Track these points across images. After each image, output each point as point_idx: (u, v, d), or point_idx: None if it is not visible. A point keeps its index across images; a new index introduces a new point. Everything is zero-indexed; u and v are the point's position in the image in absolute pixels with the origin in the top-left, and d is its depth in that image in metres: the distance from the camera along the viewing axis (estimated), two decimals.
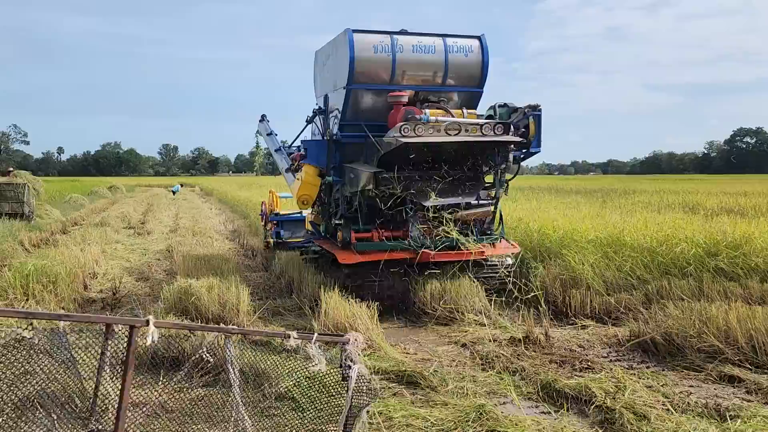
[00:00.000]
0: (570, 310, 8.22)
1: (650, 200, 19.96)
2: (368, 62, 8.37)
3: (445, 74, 8.69)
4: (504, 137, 8.01)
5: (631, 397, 5.11)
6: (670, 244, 8.98)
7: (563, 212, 13.70)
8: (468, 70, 8.78)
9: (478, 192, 8.45)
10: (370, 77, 8.48)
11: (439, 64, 8.63)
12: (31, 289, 8.04)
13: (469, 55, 8.73)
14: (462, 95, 8.91)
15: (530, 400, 5.39)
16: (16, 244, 13.29)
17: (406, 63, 8.51)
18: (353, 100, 8.56)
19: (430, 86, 8.75)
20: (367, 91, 8.57)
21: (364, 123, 8.46)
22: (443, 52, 8.62)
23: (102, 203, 31.92)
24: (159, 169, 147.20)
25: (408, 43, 8.50)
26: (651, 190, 29.23)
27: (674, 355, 6.36)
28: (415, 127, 7.65)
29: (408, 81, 8.65)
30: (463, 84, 8.85)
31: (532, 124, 8.36)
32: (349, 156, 8.75)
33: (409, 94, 8.53)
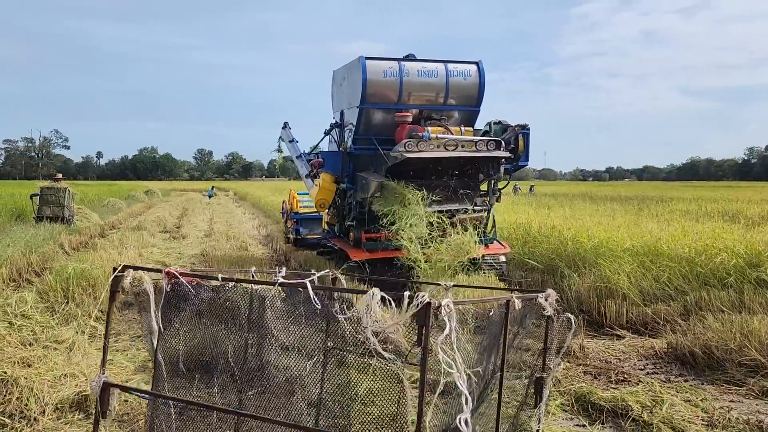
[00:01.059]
0: (605, 321, 8.08)
1: (688, 208, 19.52)
2: (378, 85, 9.45)
3: (446, 95, 9.76)
4: (495, 153, 8.99)
5: (669, 412, 5.00)
6: (709, 254, 8.76)
7: (598, 220, 13.50)
8: (466, 91, 9.85)
9: (474, 199, 9.43)
10: (380, 98, 9.56)
11: (441, 87, 9.70)
12: (71, 292, 8.23)
13: (468, 79, 9.82)
14: (461, 113, 9.97)
15: (564, 411, 5.31)
16: (56, 246, 13.65)
17: (412, 85, 9.58)
18: (365, 118, 9.62)
19: (433, 105, 9.82)
20: (377, 109, 9.63)
21: (375, 137, 9.46)
22: (444, 76, 9.71)
23: (138, 207, 32.56)
24: (194, 174, 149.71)
25: (413, 68, 9.60)
26: (688, 197, 28.61)
27: (714, 369, 6.20)
28: (417, 144, 8.69)
29: (413, 101, 9.71)
30: (462, 103, 9.90)
31: (521, 140, 9.41)
32: (361, 166, 9.79)
33: (414, 113, 9.59)
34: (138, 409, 5.10)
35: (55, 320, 7.24)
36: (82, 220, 20.67)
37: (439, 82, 9.70)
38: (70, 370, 5.48)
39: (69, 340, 6.39)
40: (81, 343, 6.50)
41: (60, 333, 6.56)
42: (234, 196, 52.72)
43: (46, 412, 4.88)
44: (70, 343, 6.34)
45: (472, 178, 9.54)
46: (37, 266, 11.04)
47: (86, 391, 5.13)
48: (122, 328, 7.99)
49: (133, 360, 6.57)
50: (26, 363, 5.44)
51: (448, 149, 8.84)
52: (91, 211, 23.45)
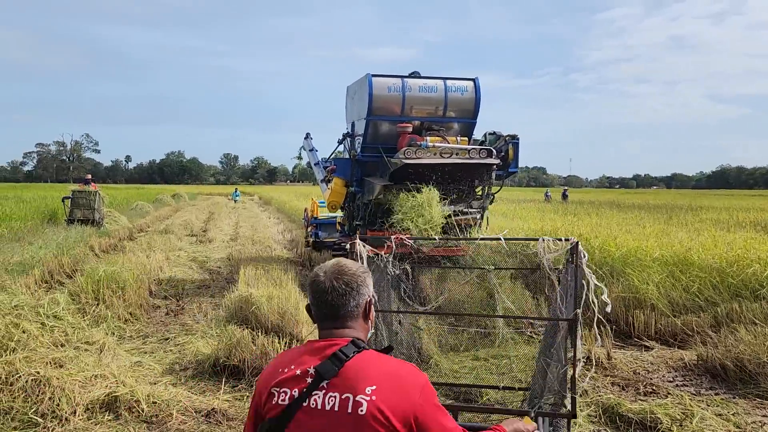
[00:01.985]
0: (633, 331, 7.97)
1: (719, 217, 19.16)
2: (383, 99, 10.39)
3: (445, 108, 10.64)
4: (486, 160, 9.77)
5: (699, 426, 4.92)
6: (741, 264, 8.58)
7: (626, 228, 13.32)
8: (464, 105, 10.71)
9: (469, 202, 10.26)
10: (384, 110, 10.48)
11: (440, 101, 10.57)
12: (102, 294, 8.38)
13: (465, 94, 10.70)
14: (460, 125, 10.83)
15: (592, 423, 5.24)
16: (87, 249, 13.91)
17: (414, 100, 10.48)
18: (372, 128, 10.60)
19: (433, 117, 10.68)
20: (382, 121, 10.58)
21: (380, 146, 10.42)
22: (443, 91, 10.58)
23: (166, 211, 33.01)
24: (220, 178, 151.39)
25: (415, 84, 10.52)
26: (719, 206, 28.09)
27: (746, 383, 6.07)
28: (415, 151, 9.57)
29: (415, 113, 10.60)
30: (460, 116, 10.78)
31: (511, 150, 10.35)
32: (368, 171, 10.77)
33: (415, 124, 10.47)
34: (166, 411, 5.16)
35: (86, 321, 7.37)
36: (112, 223, 21.04)
37: (438, 97, 10.60)
38: (101, 371, 5.57)
39: (99, 341, 6.51)
40: (111, 345, 6.62)
41: (91, 334, 6.67)
42: (259, 200, 53.15)
43: (77, 413, 4.96)
44: (100, 344, 6.45)
45: (467, 184, 10.25)
46: (68, 268, 11.26)
47: (116, 392, 5.22)
48: (150, 330, 8.10)
49: (160, 362, 6.65)
50: (58, 363, 5.55)
51: (444, 156, 9.67)
52: (120, 214, 23.86)
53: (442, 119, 10.75)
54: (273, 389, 1.89)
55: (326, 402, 1.82)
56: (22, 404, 4.90)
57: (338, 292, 1.95)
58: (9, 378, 5.05)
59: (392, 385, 1.81)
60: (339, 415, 1.78)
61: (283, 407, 1.85)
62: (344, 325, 1.97)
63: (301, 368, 1.88)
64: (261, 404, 1.92)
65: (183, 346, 7.31)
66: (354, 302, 1.97)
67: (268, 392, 1.90)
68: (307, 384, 1.85)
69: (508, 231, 5.28)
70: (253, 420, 1.96)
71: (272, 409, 1.87)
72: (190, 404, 5.35)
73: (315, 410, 1.81)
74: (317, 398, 1.83)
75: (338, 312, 1.96)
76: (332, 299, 1.95)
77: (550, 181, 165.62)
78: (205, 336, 7.53)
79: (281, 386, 1.88)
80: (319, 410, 1.81)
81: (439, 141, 10.09)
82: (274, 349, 6.20)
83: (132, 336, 7.81)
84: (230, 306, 7.86)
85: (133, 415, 5.08)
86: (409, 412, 1.79)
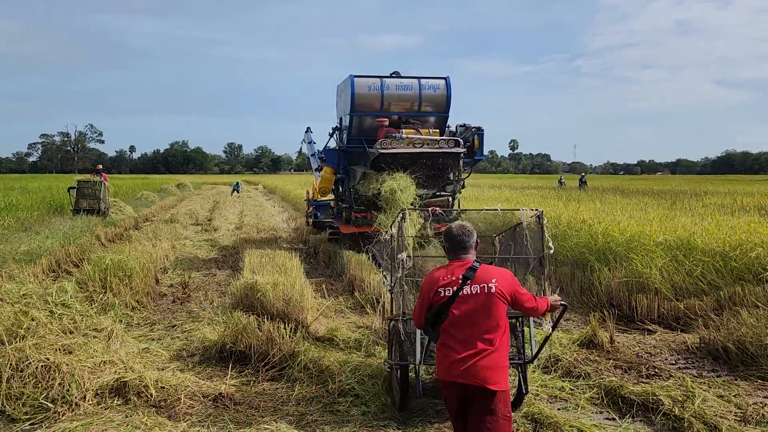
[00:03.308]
0: (636, 315, 8.01)
1: (723, 202, 19.11)
2: (364, 97, 11.87)
3: (420, 104, 12.09)
4: (453, 149, 10.97)
5: (701, 407, 4.96)
6: (744, 248, 8.58)
7: (629, 214, 13.32)
8: (436, 101, 12.16)
9: (442, 186, 11.39)
10: (366, 107, 11.97)
11: (415, 98, 12.02)
12: (109, 282, 8.45)
13: (437, 91, 12.13)
14: (434, 118, 12.26)
15: (594, 405, 5.30)
16: (93, 238, 14.00)
17: (391, 97, 11.95)
18: (355, 123, 12.08)
19: (409, 112, 12.10)
20: (364, 116, 12.05)
21: (363, 138, 11.85)
22: (418, 89, 12.00)
23: (171, 200, 33.11)
24: (224, 167, 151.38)
25: (393, 83, 11.94)
26: (723, 191, 27.97)
27: (748, 365, 6.11)
28: (391, 142, 10.78)
29: (393, 109, 12.05)
30: (433, 110, 12.23)
31: (476, 140, 11.80)
32: (353, 161, 12.23)
33: (393, 118, 11.87)
34: (175, 395, 5.24)
35: (94, 309, 7.45)
36: (117, 212, 21.13)
37: (413, 94, 11.98)
38: (109, 357, 5.64)
39: (107, 328, 6.58)
40: (118, 332, 6.70)
41: (99, 322, 6.74)
42: (263, 189, 53.21)
43: (86, 398, 5.05)
44: (108, 331, 6.52)
45: (438, 170, 11.19)
46: (75, 257, 11.35)
47: (125, 377, 5.30)
48: (157, 318, 8.19)
49: (168, 349, 6.73)
50: (67, 350, 5.63)
51: (416, 146, 10.83)
52: (125, 203, 23.95)
53: (418, 113, 12.11)
54: (439, 289, 3.61)
55: (472, 290, 3.55)
56: (33, 390, 4.98)
57: (464, 236, 3.76)
58: (19, 364, 5.13)
59: (502, 277, 3.61)
60: (480, 295, 3.53)
61: (448, 296, 3.56)
62: (467, 252, 3.76)
63: (454, 276, 3.61)
64: (430, 297, 3.64)
65: (190, 332, 7.39)
66: (471, 241, 3.78)
67: (435, 290, 3.62)
68: (458, 284, 3.57)
69: (501, 204, 6.58)
70: (424, 307, 3.69)
71: (441, 299, 3.59)
72: (198, 389, 5.43)
73: (466, 295, 3.54)
74: (467, 289, 3.55)
75: (465, 246, 3.76)
76: (461, 240, 3.75)
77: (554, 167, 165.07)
78: (212, 323, 7.61)
79: (445, 286, 3.60)
80: (469, 295, 3.54)
81: (414, 133, 11.35)
82: (280, 335, 6.27)
83: (139, 323, 7.90)
84: (236, 293, 7.94)
85: (141, 400, 5.17)
86: (512, 290, 3.62)
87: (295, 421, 4.88)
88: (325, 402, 5.27)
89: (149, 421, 4.57)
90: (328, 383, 5.57)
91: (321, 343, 6.82)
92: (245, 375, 5.94)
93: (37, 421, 4.76)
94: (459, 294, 3.53)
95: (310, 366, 5.90)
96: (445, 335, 3.56)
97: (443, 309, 3.54)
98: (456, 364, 3.45)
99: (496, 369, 3.45)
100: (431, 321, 3.62)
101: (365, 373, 5.75)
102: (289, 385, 5.70)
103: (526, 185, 41.21)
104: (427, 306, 3.65)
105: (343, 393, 5.40)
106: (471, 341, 3.47)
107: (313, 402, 5.31)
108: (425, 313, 3.66)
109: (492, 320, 3.50)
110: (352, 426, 4.74)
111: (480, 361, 3.43)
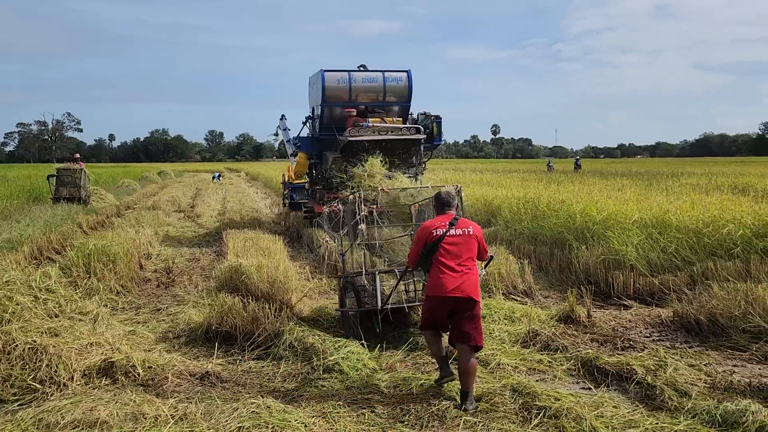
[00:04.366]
0: (613, 291, 8.23)
1: (698, 182, 19.47)
2: (334, 89, 13.00)
3: (384, 95, 13.23)
4: (414, 136, 12.11)
5: (672, 375, 5.15)
6: (716, 225, 8.83)
7: (607, 194, 13.56)
8: (399, 92, 13.32)
9: (406, 169, 12.03)
10: (336, 98, 13.07)
11: (380, 89, 13.16)
12: (93, 267, 8.47)
13: (400, 83, 13.28)
14: (397, 108, 13.41)
15: (571, 376, 5.48)
16: (75, 226, 13.93)
17: (358, 89, 13.06)
18: (326, 112, 13.20)
19: (375, 102, 13.21)
20: (334, 107, 13.11)
21: (334, 126, 12.80)
22: (382, 81, 13.13)
23: (152, 188, 32.89)
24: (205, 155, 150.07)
25: (359, 77, 13.06)
26: (700, 172, 28.43)
27: (718, 336, 6.34)
28: (358, 130, 11.82)
29: (361, 99, 13.15)
30: (397, 101, 13.36)
31: (435, 127, 12.99)
32: (325, 147, 13.27)
33: (361, 108, 12.94)
34: (162, 374, 5.33)
35: (79, 294, 7.46)
36: (98, 200, 20.99)
37: (378, 86, 13.11)
38: (96, 339, 5.71)
39: (93, 312, 6.62)
40: (104, 315, 6.74)
41: (84, 305, 6.77)
42: (246, 176, 52.97)
43: (74, 378, 5.12)
44: (94, 314, 6.56)
45: (401, 155, 12.21)
46: (57, 244, 11.32)
47: (112, 358, 5.38)
48: (142, 302, 8.24)
49: (154, 331, 6.81)
50: (53, 333, 5.68)
51: (381, 134, 11.92)
52: (107, 192, 23.77)
53: (383, 104, 13.25)
54: (432, 231, 4.94)
55: (456, 232, 4.93)
56: (21, 371, 5.04)
57: (450, 198, 5.19)
58: (6, 347, 5.18)
59: (475, 227, 5.06)
60: (462, 236, 4.93)
61: (439, 235, 4.90)
62: (451, 209, 5.14)
63: (442, 223, 4.98)
64: (425, 238, 4.95)
65: (175, 315, 7.47)
66: (454, 202, 5.20)
67: (428, 233, 4.94)
68: (446, 227, 4.93)
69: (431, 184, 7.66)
70: (419, 249, 5.00)
71: (434, 238, 4.91)
72: (185, 368, 5.52)
73: (453, 235, 4.90)
74: (452, 231, 4.92)
75: (450, 204, 5.15)
76: (448, 201, 5.17)
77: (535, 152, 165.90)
78: (197, 305, 7.68)
79: (436, 229, 4.94)
80: (454, 235, 4.91)
81: (378, 121, 12.46)
82: (265, 315, 6.37)
83: (124, 307, 7.95)
84: (221, 276, 8.01)
85: (129, 380, 5.25)
86: (480, 236, 5.07)
87: (281, 396, 4.99)
88: (310, 378, 5.40)
89: (137, 398, 4.65)
90: (313, 360, 5.69)
91: (306, 323, 6.93)
92: (231, 354, 6.04)
93: (26, 401, 4.82)
94: (447, 234, 4.92)
95: (295, 344, 6.01)
96: (438, 264, 4.87)
97: (436, 244, 4.91)
98: (450, 283, 4.80)
99: (476, 287, 4.93)
100: (426, 254, 4.97)
101: (350, 349, 5.87)
102: (275, 363, 5.82)
103: (507, 169, 41.49)
104: (422, 247, 4.99)
105: (328, 369, 5.53)
106: (458, 268, 4.85)
107: (298, 378, 5.43)
108: (420, 252, 5.01)
109: (471, 253, 4.96)
110: (337, 399, 4.87)
111: (466, 281, 4.84)
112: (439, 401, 4.75)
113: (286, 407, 4.55)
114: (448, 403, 4.71)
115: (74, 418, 4.22)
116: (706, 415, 4.39)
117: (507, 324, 6.93)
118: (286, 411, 4.45)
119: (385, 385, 5.19)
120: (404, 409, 4.65)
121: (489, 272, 7.92)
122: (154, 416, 4.27)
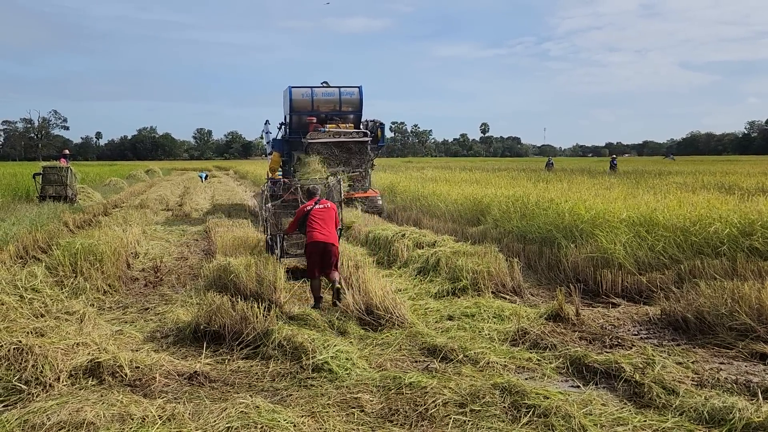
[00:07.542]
0: (601, 290, 8.27)
1: (685, 181, 19.62)
2: (299, 102, 16.62)
3: (340, 105, 16.72)
4: (361, 139, 15.71)
5: (660, 373, 5.18)
6: (703, 223, 8.89)
7: (595, 193, 13.63)
8: (353, 103, 16.80)
9: (356, 165, 15.68)
10: (301, 108, 16.62)
11: (336, 101, 16.68)
12: (79, 266, 8.39)
13: (353, 96, 16.78)
14: (352, 116, 16.81)
15: (560, 374, 5.50)
16: (61, 225, 13.81)
17: (319, 101, 16.63)
18: (294, 120, 16.84)
19: (333, 112, 16.68)
20: (300, 115, 16.54)
21: (300, 131, 16.21)
22: (338, 95, 16.67)
23: (140, 186, 32.68)
24: (193, 153, 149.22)
25: (320, 92, 16.69)
26: (687, 171, 28.66)
27: (705, 333, 6.39)
28: (317, 134, 15.45)
29: (321, 109, 16.62)
30: (351, 110, 16.81)
31: (379, 131, 16.64)
32: (294, 147, 16.80)
33: (321, 117, 16.31)
34: (149, 375, 5.29)
35: (65, 293, 7.42)
36: (85, 199, 20.82)
37: (335, 99, 16.63)
38: (82, 339, 5.66)
39: (79, 311, 6.58)
40: (91, 315, 6.69)
41: (70, 305, 6.73)
42: (234, 174, 52.77)
43: (60, 379, 5.07)
44: (80, 314, 6.52)
45: (352, 153, 15.71)
46: (43, 243, 11.21)
47: (99, 358, 5.33)
48: (129, 301, 8.18)
49: (141, 331, 6.76)
50: (39, 333, 5.63)
51: (335, 137, 15.51)
52: (94, 190, 23.58)
53: (339, 113, 16.64)
54: (305, 208, 8.01)
55: (321, 206, 7.99)
56: (6, 372, 4.99)
57: (314, 190, 8.36)
58: None
59: (332, 205, 8.17)
60: (325, 209, 7.99)
61: (309, 209, 7.96)
62: (315, 196, 8.21)
63: (312, 203, 8.06)
64: (303, 211, 8.02)
65: (163, 315, 7.42)
66: (318, 192, 8.34)
67: (303, 210, 8.04)
68: (313, 204, 8.00)
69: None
70: (297, 220, 8.12)
71: (307, 211, 7.96)
72: (173, 368, 5.48)
73: (319, 209, 7.95)
74: (318, 206, 7.98)
75: (314, 194, 8.26)
76: (313, 192, 8.32)
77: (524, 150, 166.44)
78: (185, 305, 7.63)
79: (307, 206, 8.03)
80: (320, 209, 7.95)
81: (334, 127, 15.97)
82: (254, 314, 6.33)
83: (111, 307, 7.89)
84: (209, 275, 7.97)
85: (116, 380, 5.20)
86: (335, 210, 8.23)
87: (270, 396, 4.97)
88: (299, 377, 5.37)
89: (125, 399, 4.61)
90: (302, 359, 5.67)
91: (295, 322, 6.90)
92: (220, 354, 6.01)
93: (11, 402, 4.76)
94: (315, 209, 7.87)
95: (285, 343, 5.99)
96: (311, 227, 7.73)
97: (308, 214, 7.86)
98: (321, 235, 7.65)
99: (335, 238, 7.85)
100: (302, 222, 7.94)
101: (339, 348, 5.86)
102: (264, 362, 5.79)
103: (496, 167, 41.62)
104: (300, 218, 7.99)
105: (317, 368, 5.51)
106: (325, 228, 7.73)
107: (287, 377, 5.41)
108: (298, 221, 8.02)
109: (331, 220, 7.88)
110: (326, 399, 4.85)
111: (329, 235, 7.72)
112: (428, 400, 4.75)
113: (275, 407, 4.53)
114: (438, 402, 4.71)
115: (60, 419, 4.18)
116: (693, 412, 4.43)
117: (496, 322, 6.96)
118: (275, 410, 4.43)
119: (374, 384, 5.18)
120: (393, 409, 4.65)
121: None
122: (141, 417, 4.24)
